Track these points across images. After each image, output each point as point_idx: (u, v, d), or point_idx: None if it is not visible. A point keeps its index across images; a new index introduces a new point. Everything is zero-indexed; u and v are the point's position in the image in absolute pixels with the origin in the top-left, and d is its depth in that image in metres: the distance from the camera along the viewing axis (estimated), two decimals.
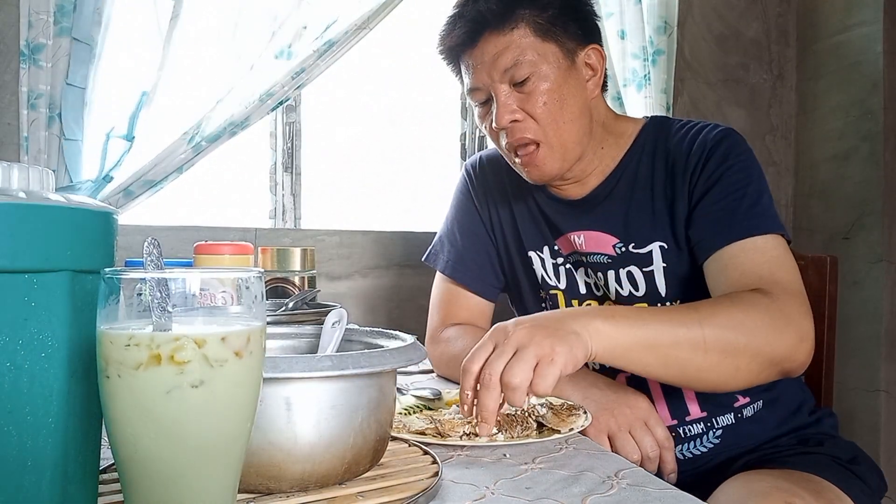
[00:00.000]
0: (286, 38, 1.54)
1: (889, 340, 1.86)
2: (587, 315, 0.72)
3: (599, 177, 1.00)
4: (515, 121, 0.92)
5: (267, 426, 0.50)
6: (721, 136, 0.94)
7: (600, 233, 0.99)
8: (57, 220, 0.40)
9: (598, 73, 0.96)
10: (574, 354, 0.68)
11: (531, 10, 0.91)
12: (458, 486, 0.57)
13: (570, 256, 1.03)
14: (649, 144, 0.99)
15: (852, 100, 1.95)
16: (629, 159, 0.99)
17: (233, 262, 0.95)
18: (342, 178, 1.90)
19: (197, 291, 0.38)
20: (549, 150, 0.93)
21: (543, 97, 0.91)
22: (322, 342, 0.67)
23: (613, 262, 0.97)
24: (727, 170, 0.91)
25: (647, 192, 0.97)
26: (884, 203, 1.86)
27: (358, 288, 1.71)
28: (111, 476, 0.55)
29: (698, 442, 0.95)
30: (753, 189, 0.89)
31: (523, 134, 0.93)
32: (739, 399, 0.95)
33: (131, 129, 1.43)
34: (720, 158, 0.92)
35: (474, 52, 0.94)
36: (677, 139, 0.97)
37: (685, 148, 0.95)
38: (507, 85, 0.92)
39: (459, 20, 0.94)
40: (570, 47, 0.93)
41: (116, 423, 0.38)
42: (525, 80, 0.91)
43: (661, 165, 0.97)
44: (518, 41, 0.91)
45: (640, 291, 0.95)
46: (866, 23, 1.91)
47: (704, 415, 0.94)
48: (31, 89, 1.38)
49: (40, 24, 1.38)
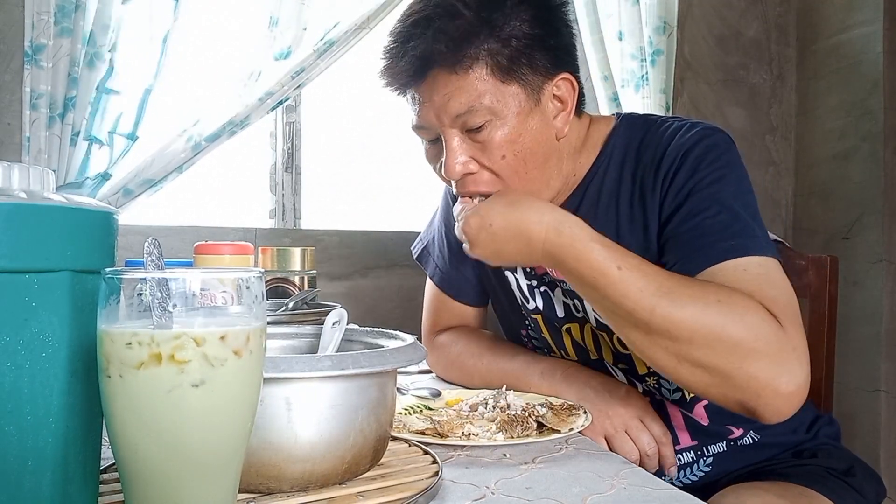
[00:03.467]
0: (286, 38, 1.54)
1: (889, 340, 1.86)
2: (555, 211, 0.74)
3: (564, 195, 0.90)
4: (469, 172, 0.80)
5: (267, 426, 0.50)
6: (695, 141, 0.80)
7: None
8: (57, 220, 0.40)
9: (567, 108, 0.82)
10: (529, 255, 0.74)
11: (490, 44, 0.76)
12: (458, 486, 0.57)
13: (544, 277, 0.94)
14: (618, 152, 0.86)
15: (852, 100, 1.95)
16: (594, 171, 0.88)
17: (233, 262, 0.95)
18: (342, 178, 1.90)
19: (197, 291, 0.39)
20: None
21: (502, 150, 0.78)
22: (322, 342, 0.67)
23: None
24: (697, 183, 0.78)
25: (612, 209, 0.85)
26: (884, 203, 1.86)
27: (358, 288, 1.71)
28: (112, 476, 0.55)
29: (688, 470, 0.91)
30: (729, 203, 0.76)
31: (476, 188, 0.81)
32: (734, 431, 0.90)
33: (135, 128, 1.43)
34: (690, 169, 0.79)
35: (421, 88, 0.80)
36: (648, 145, 0.84)
37: (656, 156, 0.82)
38: (458, 130, 0.79)
39: (404, 54, 0.78)
40: (535, 84, 0.79)
41: (117, 422, 0.38)
42: (480, 127, 0.78)
43: (628, 177, 0.84)
44: (473, 84, 0.76)
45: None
46: (866, 23, 1.91)
47: (695, 443, 0.90)
48: (33, 89, 1.38)
49: (41, 24, 1.38)
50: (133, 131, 1.43)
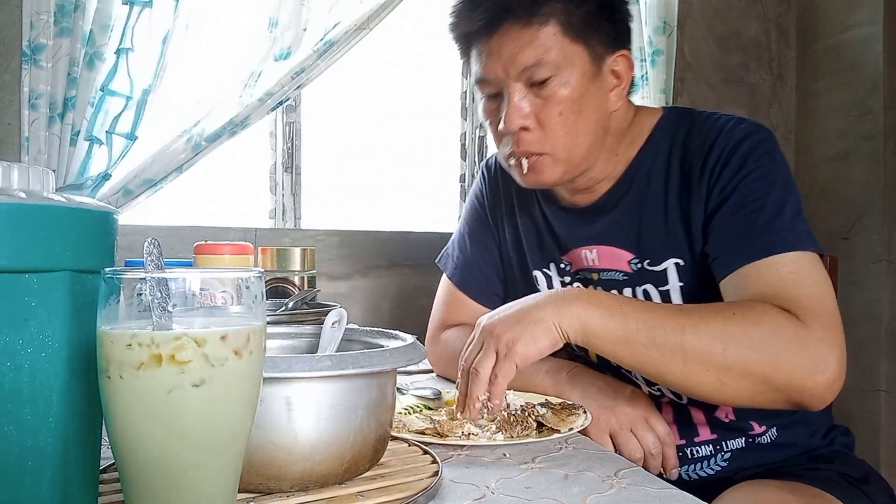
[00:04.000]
0: (286, 38, 1.54)
1: (889, 340, 1.86)
2: (563, 299, 0.74)
3: (609, 182, 0.91)
4: (525, 128, 0.83)
5: (267, 426, 0.50)
6: (743, 136, 0.83)
7: (614, 248, 0.90)
8: (57, 220, 0.40)
9: (623, 84, 0.87)
10: (534, 346, 0.72)
11: (564, 4, 0.81)
12: (458, 486, 0.57)
13: (579, 273, 0.95)
14: (665, 142, 0.88)
15: (852, 100, 1.95)
16: (641, 160, 0.89)
17: (233, 262, 0.95)
18: (342, 178, 1.90)
19: (197, 291, 0.38)
20: (552, 161, 0.85)
21: (560, 106, 0.82)
22: (322, 342, 0.67)
23: (629, 279, 0.89)
24: (744, 178, 0.80)
25: (660, 201, 0.87)
26: (884, 203, 1.86)
27: (358, 288, 1.71)
28: (111, 475, 0.55)
29: (705, 463, 0.90)
30: (774, 199, 0.79)
31: (529, 148, 0.84)
32: (755, 428, 0.89)
33: (134, 128, 1.43)
34: (738, 163, 0.81)
35: (491, 42, 0.83)
36: (697, 138, 0.86)
37: (704, 148, 0.84)
38: (522, 84, 0.83)
39: (480, 3, 0.82)
40: (598, 52, 0.84)
41: (117, 422, 0.38)
42: (544, 81, 0.81)
43: (676, 168, 0.86)
44: (544, 38, 0.80)
45: None
46: (866, 23, 1.91)
47: (714, 437, 0.90)
48: (32, 89, 1.38)
49: (41, 24, 1.38)
50: (132, 131, 1.43)
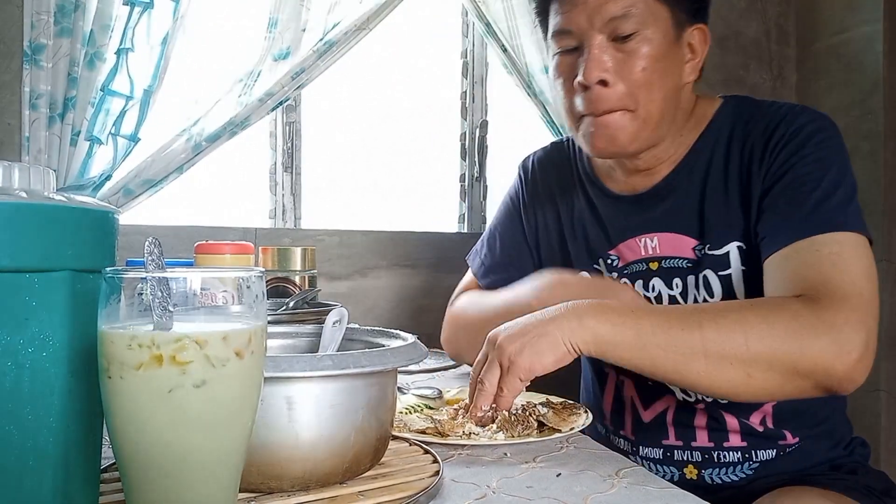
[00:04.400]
0: (286, 38, 1.54)
1: (889, 340, 1.86)
2: (574, 312, 0.71)
3: (668, 165, 0.90)
4: (604, 82, 0.81)
5: (268, 425, 0.50)
6: (807, 121, 0.82)
7: (676, 234, 0.88)
8: (58, 220, 0.40)
9: (697, 57, 0.87)
10: (538, 360, 0.70)
11: None
12: (459, 486, 0.57)
13: (627, 268, 0.93)
14: (726, 128, 0.88)
15: (852, 100, 1.95)
16: (702, 145, 0.89)
17: (233, 262, 0.95)
18: (342, 178, 1.90)
19: (198, 291, 0.38)
20: (631, 117, 0.83)
21: (643, 62, 0.81)
22: (323, 341, 0.67)
23: (695, 265, 0.87)
24: (801, 158, 0.79)
25: (721, 184, 0.86)
26: (884, 203, 1.86)
27: (358, 288, 1.71)
28: (112, 475, 0.55)
29: (730, 469, 0.89)
30: (829, 182, 0.77)
31: (607, 103, 0.82)
32: (788, 438, 0.88)
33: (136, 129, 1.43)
34: (798, 145, 0.80)
35: None
36: (759, 123, 0.85)
37: (766, 133, 0.83)
38: (605, 37, 0.81)
39: None
40: (680, 18, 0.83)
41: (118, 422, 0.38)
42: (628, 36, 0.80)
43: (736, 152, 0.86)
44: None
45: (715, 298, 0.85)
46: (866, 23, 1.91)
47: (744, 445, 0.88)
48: (33, 89, 1.38)
49: (41, 24, 1.38)
50: (134, 132, 1.43)
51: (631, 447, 0.95)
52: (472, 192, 1.96)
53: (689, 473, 0.90)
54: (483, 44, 1.94)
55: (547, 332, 0.70)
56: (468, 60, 1.96)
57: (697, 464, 0.89)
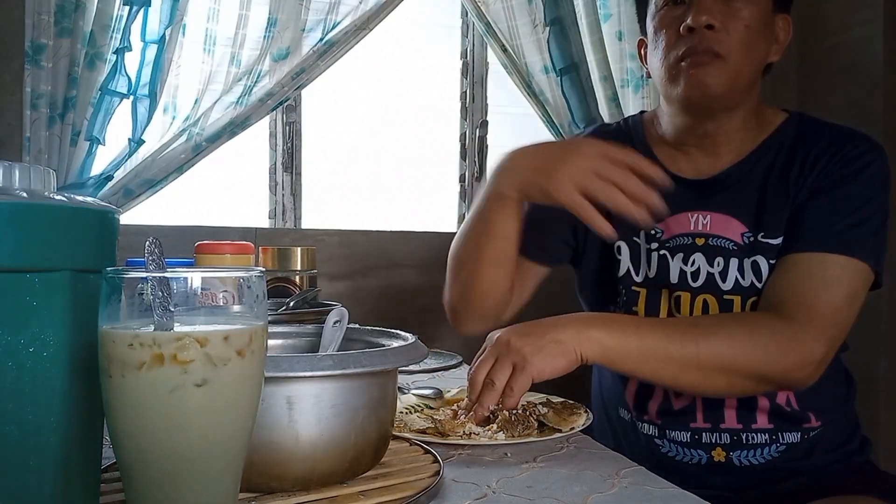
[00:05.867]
0: (286, 38, 1.54)
1: (889, 340, 1.86)
2: (582, 322, 0.78)
3: (733, 156, 0.95)
4: (711, 26, 0.86)
5: (269, 425, 0.50)
6: (867, 149, 0.89)
7: (729, 217, 0.93)
8: (58, 220, 0.40)
9: (780, 44, 0.94)
10: (551, 363, 0.74)
11: None
12: (460, 485, 0.57)
13: (670, 241, 0.95)
14: (790, 138, 0.94)
15: (852, 100, 1.95)
16: (768, 146, 0.94)
17: (234, 262, 0.95)
18: (342, 178, 1.90)
19: (198, 291, 0.38)
20: (724, 66, 0.87)
21: (746, 20, 0.86)
22: (323, 341, 0.67)
23: (739, 249, 0.91)
24: (849, 183, 0.86)
25: (780, 185, 0.91)
26: None
27: (358, 288, 1.71)
28: (113, 475, 0.55)
29: (758, 451, 0.91)
30: (864, 213, 0.85)
31: (711, 44, 0.86)
32: (812, 420, 0.92)
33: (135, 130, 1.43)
34: (852, 170, 0.87)
35: None
36: (824, 140, 0.91)
37: (830, 150, 0.89)
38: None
39: None
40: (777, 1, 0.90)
41: (119, 422, 0.38)
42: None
43: (799, 161, 0.91)
44: None
45: (762, 283, 0.90)
46: (866, 23, 1.91)
47: (771, 427, 0.91)
48: (33, 89, 1.38)
49: (42, 24, 1.38)
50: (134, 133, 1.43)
51: (657, 431, 0.96)
52: (472, 192, 1.96)
53: (717, 456, 0.92)
54: (483, 44, 1.94)
55: (560, 340, 0.75)
56: (468, 60, 1.96)
57: (725, 446, 0.92)
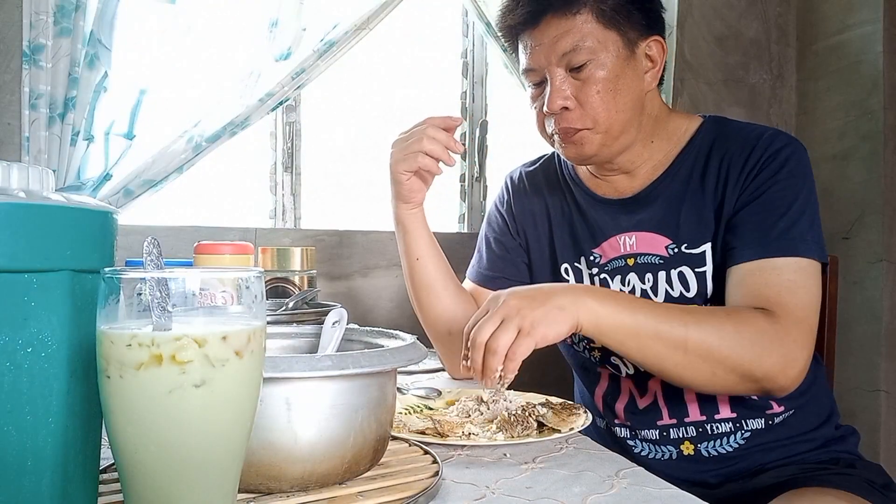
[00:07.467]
0: (286, 38, 1.54)
1: (889, 340, 1.86)
2: (580, 291, 0.78)
3: (651, 173, 0.99)
4: (566, 108, 0.92)
5: (267, 426, 0.50)
6: (781, 146, 0.91)
7: (653, 234, 0.97)
8: (57, 220, 0.40)
9: (657, 66, 0.96)
10: (555, 329, 0.74)
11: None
12: (459, 486, 0.57)
13: (608, 264, 1.00)
14: (706, 144, 0.97)
15: (852, 100, 1.95)
16: (684, 158, 0.98)
17: (233, 262, 0.95)
18: (342, 178, 1.90)
19: (197, 291, 0.38)
20: (591, 133, 0.92)
21: (598, 86, 0.90)
22: (322, 342, 0.67)
23: (665, 262, 0.96)
24: (776, 183, 0.89)
25: (698, 194, 0.95)
26: (884, 203, 1.86)
27: (358, 288, 1.71)
28: (111, 475, 0.55)
29: (724, 440, 0.94)
30: (797, 209, 0.87)
31: (570, 124, 0.92)
32: (774, 407, 0.94)
33: (131, 127, 1.43)
34: (774, 170, 0.90)
35: (534, 34, 0.93)
36: (736, 143, 0.94)
37: (744, 154, 0.93)
38: (563, 69, 0.91)
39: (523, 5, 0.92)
40: (631, 37, 0.92)
41: (117, 422, 0.38)
42: (582, 66, 0.90)
43: (714, 166, 0.95)
44: (580, 26, 0.90)
45: (690, 292, 0.93)
46: (866, 23, 1.91)
47: (734, 416, 0.93)
48: (32, 89, 1.38)
49: (40, 24, 1.38)
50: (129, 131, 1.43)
51: (629, 433, 1.00)
52: (472, 192, 1.96)
53: (685, 450, 0.95)
54: (483, 44, 1.94)
55: (562, 306, 0.75)
56: (468, 60, 1.96)
57: (692, 439, 0.94)
